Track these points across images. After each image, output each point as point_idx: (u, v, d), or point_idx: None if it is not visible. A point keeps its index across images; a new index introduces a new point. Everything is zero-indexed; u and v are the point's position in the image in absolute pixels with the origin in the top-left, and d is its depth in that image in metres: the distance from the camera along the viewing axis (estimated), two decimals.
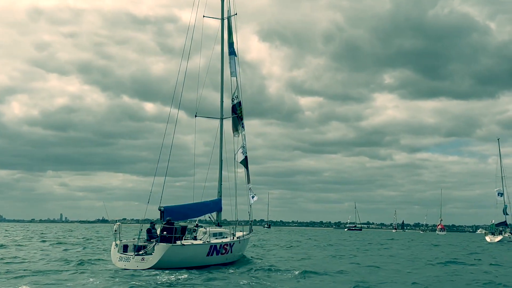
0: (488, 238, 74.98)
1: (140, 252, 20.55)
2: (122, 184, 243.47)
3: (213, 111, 27.65)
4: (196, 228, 23.83)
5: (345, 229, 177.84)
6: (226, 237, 24.22)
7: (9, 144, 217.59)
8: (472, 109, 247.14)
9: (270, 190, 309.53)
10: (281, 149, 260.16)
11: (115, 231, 21.03)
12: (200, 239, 22.69)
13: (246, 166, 26.98)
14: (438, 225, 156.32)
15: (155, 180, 22.88)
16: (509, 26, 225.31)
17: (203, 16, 26.83)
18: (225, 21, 27.33)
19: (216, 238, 23.42)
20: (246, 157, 26.80)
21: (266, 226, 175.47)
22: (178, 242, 20.73)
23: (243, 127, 26.73)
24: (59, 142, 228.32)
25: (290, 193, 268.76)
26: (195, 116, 26.61)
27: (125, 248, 20.90)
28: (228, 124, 27.02)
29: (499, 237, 72.42)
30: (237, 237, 24.82)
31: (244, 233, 26.24)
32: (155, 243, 20.45)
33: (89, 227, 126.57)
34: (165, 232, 20.85)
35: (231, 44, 26.70)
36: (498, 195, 79.32)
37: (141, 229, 22.02)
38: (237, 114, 26.54)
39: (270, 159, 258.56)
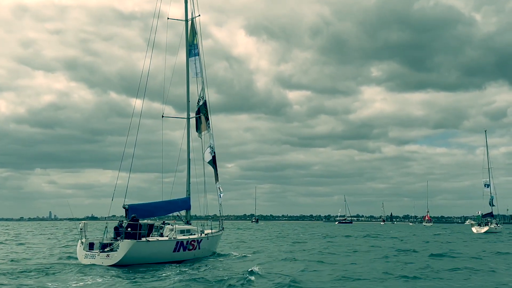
0: (474, 229, 76.37)
1: (106, 249, 21.12)
2: (111, 181, 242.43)
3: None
4: (163, 225, 24.33)
5: (336, 222, 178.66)
6: (194, 234, 24.78)
7: None
8: (459, 101, 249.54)
9: (260, 185, 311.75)
10: (270, 143, 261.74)
11: (81, 229, 21.71)
12: (167, 236, 23.25)
13: (214, 166, 27.47)
14: (425, 216, 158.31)
15: (145, 176, 23.69)
16: (495, 17, 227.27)
17: (168, 18, 27.41)
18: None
19: (184, 235, 23.97)
20: (213, 156, 27.33)
21: (254, 220, 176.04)
22: (144, 239, 21.42)
23: (209, 126, 27.29)
24: (47, 139, 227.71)
25: (279, 187, 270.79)
26: (162, 116, 27.22)
27: (91, 246, 21.51)
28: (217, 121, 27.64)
29: (485, 228, 73.83)
30: (205, 234, 25.50)
31: (213, 230, 26.90)
32: (120, 240, 21.08)
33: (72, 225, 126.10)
34: (129, 229, 21.44)
35: (195, 46, 27.27)
36: (485, 186, 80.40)
37: (106, 227, 22.60)
38: (203, 114, 27.13)
39: (259, 153, 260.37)
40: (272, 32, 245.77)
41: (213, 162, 27.40)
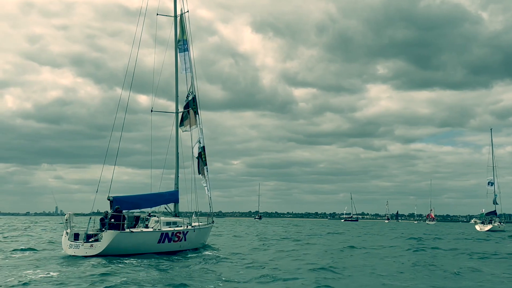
0: (478, 227, 77.10)
1: (90, 240, 21.53)
2: (117, 176, 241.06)
3: (203, 103, 28.64)
4: (149, 217, 24.69)
5: (342, 220, 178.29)
6: (180, 226, 25.09)
7: (2, 137, 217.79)
8: (465, 99, 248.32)
9: (265, 182, 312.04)
10: (276, 140, 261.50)
11: (66, 220, 22.13)
12: (152, 227, 23.61)
13: (201, 159, 27.75)
14: (428, 215, 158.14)
15: (151, 172, 24.57)
16: (502, 15, 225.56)
17: (157, 14, 27.75)
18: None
19: (170, 227, 24.27)
20: (200, 152, 27.61)
21: (257, 217, 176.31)
22: (128, 230, 21.78)
23: (198, 121, 27.53)
24: (53, 135, 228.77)
25: (285, 185, 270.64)
26: (151, 111, 27.54)
27: (76, 237, 21.87)
28: (219, 116, 28.17)
29: (489, 226, 74.34)
30: (192, 226, 25.80)
31: (201, 223, 27.20)
32: (104, 230, 21.49)
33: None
34: (113, 220, 21.84)
35: (184, 41, 27.57)
36: (489, 184, 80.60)
37: (90, 218, 22.93)
38: (192, 109, 27.41)
39: (265, 150, 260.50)
40: (278, 29, 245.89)
41: (199, 155, 27.66)
